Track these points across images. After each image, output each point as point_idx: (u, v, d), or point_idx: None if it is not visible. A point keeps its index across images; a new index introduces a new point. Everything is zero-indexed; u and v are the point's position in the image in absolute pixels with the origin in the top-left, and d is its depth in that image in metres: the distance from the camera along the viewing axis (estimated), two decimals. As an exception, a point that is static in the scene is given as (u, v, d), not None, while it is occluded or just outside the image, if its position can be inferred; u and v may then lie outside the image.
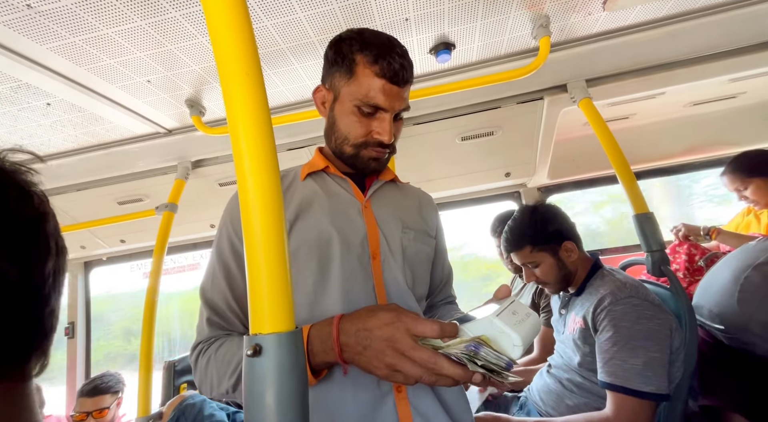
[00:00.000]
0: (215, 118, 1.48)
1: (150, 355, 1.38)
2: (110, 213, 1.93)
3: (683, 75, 1.41)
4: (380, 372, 0.50)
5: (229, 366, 0.59)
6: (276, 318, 0.36)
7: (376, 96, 0.66)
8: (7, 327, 0.29)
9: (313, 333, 0.55)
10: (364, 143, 0.69)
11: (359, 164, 0.73)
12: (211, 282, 0.69)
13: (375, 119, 0.68)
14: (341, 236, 0.68)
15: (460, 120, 1.63)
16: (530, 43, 1.26)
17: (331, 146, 0.75)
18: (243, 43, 0.40)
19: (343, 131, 0.70)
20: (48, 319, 0.33)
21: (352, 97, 0.67)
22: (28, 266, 0.31)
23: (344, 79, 0.68)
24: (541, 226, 1.13)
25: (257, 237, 0.38)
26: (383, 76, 0.65)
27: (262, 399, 0.34)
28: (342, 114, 0.70)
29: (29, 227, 0.32)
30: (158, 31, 0.98)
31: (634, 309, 0.93)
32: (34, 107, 1.24)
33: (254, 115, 0.40)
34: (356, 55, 0.66)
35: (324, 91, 0.73)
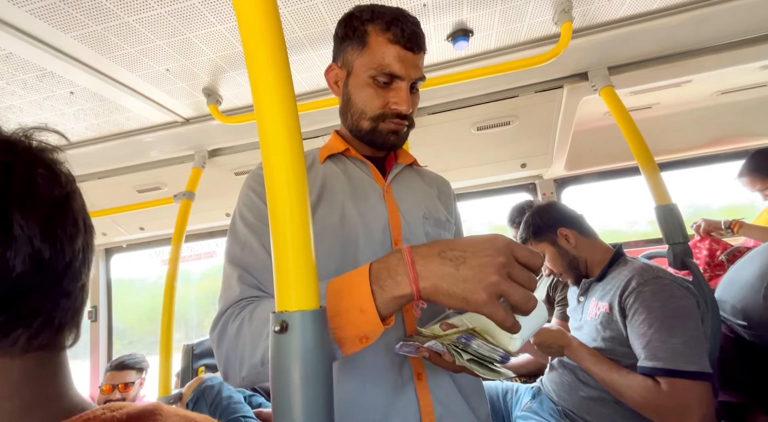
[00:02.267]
0: (232, 107, 1.49)
1: (169, 338, 1.42)
2: (130, 201, 1.98)
3: (711, 62, 1.35)
4: (477, 295, 0.42)
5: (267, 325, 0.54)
6: (302, 297, 0.36)
7: (391, 63, 0.64)
8: (42, 300, 0.31)
9: (375, 265, 0.47)
10: (382, 114, 0.67)
11: (378, 139, 0.69)
12: (241, 247, 0.63)
13: (391, 90, 0.66)
14: (364, 221, 0.66)
15: (476, 109, 1.61)
16: (551, 30, 1.23)
17: (347, 124, 0.73)
18: (270, 30, 0.40)
19: (360, 105, 0.68)
20: (79, 293, 0.35)
21: (367, 67, 0.65)
22: (60, 244, 0.32)
23: (357, 51, 0.66)
24: (533, 219, 1.23)
25: (283, 218, 0.38)
26: (397, 42, 0.64)
27: (289, 374, 0.35)
28: (357, 87, 0.67)
29: (58, 206, 0.33)
30: (177, 18, 0.99)
31: (665, 289, 0.92)
32: (58, 96, 1.27)
33: (280, 99, 0.40)
34: (367, 26, 0.65)
35: (336, 70, 0.72)
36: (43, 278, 0.30)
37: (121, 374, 1.81)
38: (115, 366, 1.85)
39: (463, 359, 0.47)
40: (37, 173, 0.31)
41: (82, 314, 0.36)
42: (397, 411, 0.59)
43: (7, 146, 0.31)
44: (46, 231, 0.31)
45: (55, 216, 0.32)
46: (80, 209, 0.36)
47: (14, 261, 0.28)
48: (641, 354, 0.91)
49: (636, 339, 0.92)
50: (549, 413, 1.10)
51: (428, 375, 0.62)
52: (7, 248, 0.28)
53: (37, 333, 0.30)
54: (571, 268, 1.16)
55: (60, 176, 0.34)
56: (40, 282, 0.30)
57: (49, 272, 0.31)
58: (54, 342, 0.33)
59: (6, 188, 0.29)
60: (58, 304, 0.32)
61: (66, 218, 0.33)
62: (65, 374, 0.34)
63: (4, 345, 0.29)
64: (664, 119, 1.79)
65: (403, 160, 0.80)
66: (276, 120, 0.39)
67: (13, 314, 0.29)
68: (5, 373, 0.29)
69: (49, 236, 0.31)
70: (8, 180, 0.29)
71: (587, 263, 1.15)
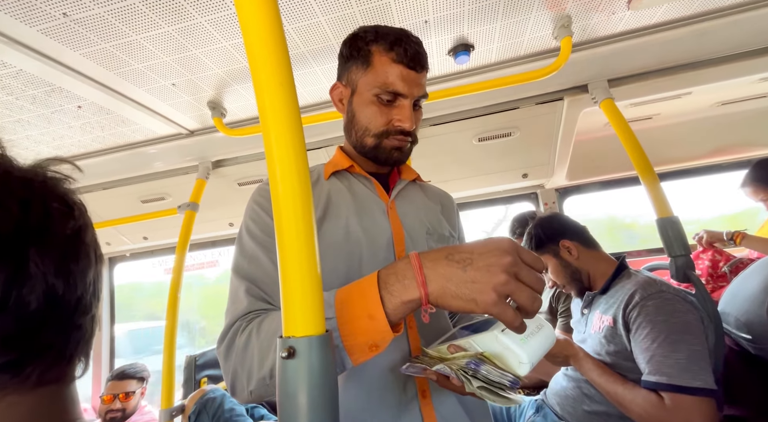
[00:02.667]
0: (236, 119, 1.51)
1: (173, 349, 1.42)
2: (134, 211, 1.99)
3: (710, 74, 1.37)
4: (485, 296, 0.42)
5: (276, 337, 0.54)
6: (308, 322, 0.37)
7: (395, 82, 0.66)
8: (54, 335, 0.31)
9: (384, 272, 0.47)
10: (386, 131, 0.68)
11: (381, 156, 0.71)
12: (248, 260, 0.63)
13: (395, 107, 0.68)
14: (368, 238, 0.67)
15: (478, 121, 1.62)
16: (551, 44, 1.24)
17: (351, 141, 0.74)
18: (275, 47, 0.41)
19: (364, 122, 0.70)
20: (89, 324, 0.35)
21: (371, 86, 0.67)
22: (73, 279, 0.32)
23: (361, 70, 0.68)
24: (535, 231, 1.24)
25: (289, 241, 0.39)
26: (400, 62, 0.66)
27: (295, 400, 0.35)
28: (361, 105, 0.69)
29: (72, 241, 0.33)
30: (184, 36, 1.01)
31: (668, 303, 0.92)
32: (66, 110, 1.30)
33: (286, 118, 0.40)
34: (371, 46, 0.67)
35: (341, 88, 0.74)
36: (56, 313, 0.30)
37: (122, 383, 1.81)
38: (116, 376, 1.85)
39: (473, 386, 0.46)
40: (53, 207, 0.32)
41: (91, 345, 0.36)
42: None
43: (25, 182, 0.31)
44: (60, 267, 0.31)
45: (68, 251, 0.32)
46: (92, 240, 0.36)
47: (29, 298, 0.28)
48: (645, 369, 0.90)
49: (640, 354, 0.92)
50: (553, 427, 1.09)
51: (432, 393, 0.62)
52: (22, 286, 0.28)
53: (50, 368, 0.30)
54: (573, 280, 1.16)
55: (74, 209, 0.34)
56: (52, 318, 0.30)
57: (61, 307, 0.31)
58: (64, 374, 0.33)
59: (24, 225, 0.29)
60: (69, 338, 0.32)
61: (79, 252, 0.33)
62: (74, 405, 0.34)
63: (16, 382, 0.28)
64: (664, 130, 1.80)
65: (407, 176, 0.82)
66: (281, 134, 0.40)
67: (27, 350, 0.29)
68: (15, 409, 0.29)
69: (62, 272, 0.31)
70: (26, 218, 0.29)
71: (590, 276, 1.15)
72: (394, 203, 0.75)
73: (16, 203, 0.29)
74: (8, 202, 0.28)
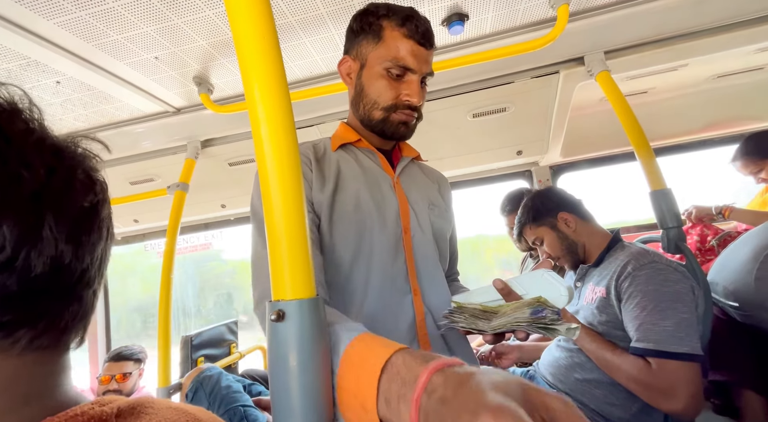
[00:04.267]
0: (224, 96, 1.46)
1: (168, 329, 1.43)
2: (122, 193, 1.95)
3: (707, 45, 1.34)
4: None
5: None
6: (297, 286, 0.36)
7: (405, 57, 0.68)
8: (53, 302, 0.31)
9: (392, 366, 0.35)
10: (394, 105, 0.70)
11: (388, 129, 0.73)
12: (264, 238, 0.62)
13: (403, 82, 0.70)
14: (378, 210, 0.70)
15: (472, 96, 1.59)
16: (547, 13, 1.21)
17: (359, 114, 0.76)
18: (260, 15, 0.39)
19: (373, 96, 0.71)
20: (91, 299, 0.35)
21: (381, 59, 0.69)
22: (81, 249, 0.32)
23: (371, 44, 0.70)
24: (532, 203, 1.24)
25: (277, 209, 0.38)
26: (411, 37, 0.68)
27: (286, 362, 0.35)
28: (370, 79, 0.71)
29: (88, 213, 0.33)
30: (164, 3, 0.96)
31: (659, 273, 0.94)
32: (45, 86, 1.24)
33: (272, 88, 0.39)
34: (383, 21, 0.70)
35: (350, 62, 0.75)
36: (59, 281, 0.31)
37: (119, 365, 1.83)
38: (113, 357, 1.87)
39: (553, 334, 0.49)
40: (77, 179, 0.33)
41: (90, 319, 0.36)
42: None
43: (55, 150, 0.32)
44: (72, 235, 0.31)
45: (83, 222, 0.33)
46: (107, 216, 0.36)
47: (36, 261, 0.28)
48: (634, 336, 0.92)
49: (630, 322, 0.94)
50: (544, 395, 1.12)
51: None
52: (32, 247, 0.28)
53: (40, 335, 0.30)
54: (569, 252, 1.17)
55: (96, 184, 0.35)
56: (54, 285, 0.30)
57: (65, 276, 0.31)
58: (57, 342, 0.33)
59: (46, 189, 0.29)
60: (68, 308, 0.32)
61: (92, 225, 0.34)
62: (64, 372, 0.34)
63: (4, 344, 0.28)
64: (660, 104, 1.78)
65: (408, 153, 0.84)
66: (268, 108, 0.38)
67: (21, 314, 0.29)
68: None
69: (73, 241, 0.31)
70: (50, 183, 0.30)
71: (585, 248, 1.16)
72: (399, 179, 0.78)
73: (44, 167, 0.30)
74: (37, 165, 0.29)
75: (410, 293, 0.69)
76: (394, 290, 0.68)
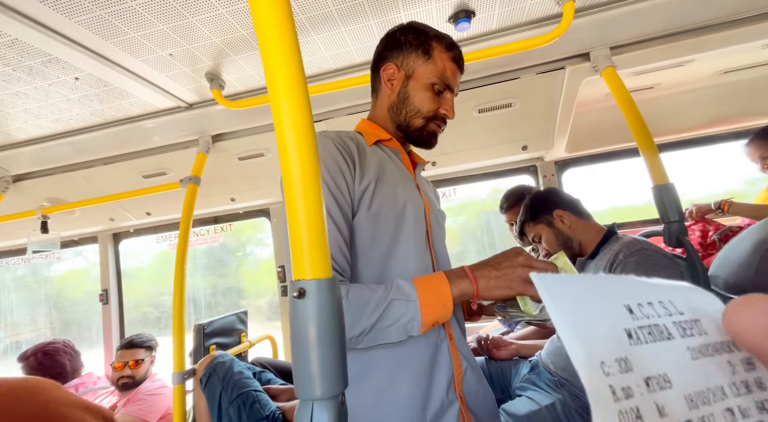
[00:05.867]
0: (235, 91, 1.50)
1: (182, 318, 1.48)
2: (136, 186, 2.01)
3: (715, 41, 1.35)
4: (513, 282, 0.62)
5: (368, 307, 0.62)
6: (316, 266, 0.40)
7: (450, 77, 0.80)
8: None
9: (448, 274, 0.66)
10: (434, 116, 0.81)
11: (422, 136, 0.83)
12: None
13: (443, 98, 0.81)
14: (413, 205, 0.77)
15: (478, 92, 1.61)
16: (553, 9, 1.22)
17: (399, 118, 0.84)
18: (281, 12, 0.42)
19: (417, 105, 0.81)
20: None
21: (430, 75, 0.79)
22: None
23: (421, 59, 0.80)
24: (530, 203, 1.33)
25: (296, 195, 0.41)
26: (455, 61, 0.81)
27: (307, 335, 0.38)
28: (417, 90, 0.80)
29: None
30: (180, 2, 1.00)
31: (649, 259, 0.98)
32: (64, 82, 1.29)
33: (293, 82, 0.42)
34: (432, 42, 0.80)
35: (394, 69, 0.82)
36: None
37: (130, 352, 1.89)
38: (124, 345, 1.94)
39: None
40: None
41: None
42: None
43: None
44: None
45: None
46: None
47: None
48: None
49: None
50: (546, 383, 1.16)
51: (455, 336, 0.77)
52: None
53: None
54: (565, 247, 1.22)
55: None
56: None
57: None
58: None
59: None
60: None
61: None
62: None
63: None
64: (665, 100, 1.79)
65: (421, 160, 0.93)
66: (289, 102, 0.41)
67: None
68: None
69: None
70: None
71: (581, 243, 1.20)
72: (417, 179, 0.87)
73: None
74: None
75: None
76: None
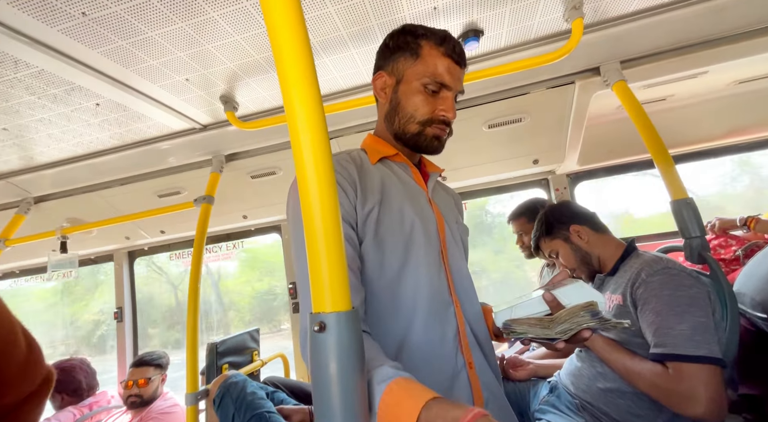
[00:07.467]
0: (248, 112, 1.53)
1: (195, 337, 1.48)
2: (151, 206, 2.05)
3: (728, 52, 1.33)
4: None
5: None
6: (336, 299, 0.40)
7: (443, 74, 0.71)
8: None
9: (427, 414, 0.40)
10: (430, 120, 0.73)
11: (422, 143, 0.75)
12: None
13: (439, 98, 0.72)
14: (422, 223, 0.71)
15: (487, 107, 1.62)
16: (562, 26, 1.23)
17: (393, 128, 0.77)
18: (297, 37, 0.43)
19: (409, 110, 0.73)
20: None
21: (420, 75, 0.71)
22: None
23: (410, 61, 0.73)
24: (545, 218, 1.27)
25: (317, 227, 0.41)
26: (449, 55, 0.71)
27: (327, 368, 0.38)
28: (407, 94, 0.73)
29: None
30: (197, 31, 1.03)
31: (673, 278, 0.94)
32: (85, 108, 1.33)
33: (310, 105, 0.42)
34: (421, 40, 0.72)
35: (385, 77, 0.77)
36: None
37: (140, 370, 1.87)
38: (135, 363, 1.92)
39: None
40: None
41: None
42: None
43: None
44: None
45: None
46: None
47: None
48: (651, 342, 0.93)
49: (647, 328, 0.94)
50: (566, 406, 1.12)
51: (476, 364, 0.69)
52: None
53: None
54: (583, 263, 1.18)
55: None
56: None
57: None
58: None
59: None
60: None
61: None
62: None
63: None
64: (679, 111, 1.77)
65: (431, 168, 0.86)
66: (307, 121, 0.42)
67: None
68: None
69: None
70: None
71: (600, 259, 1.16)
72: (430, 193, 0.80)
73: None
74: None
75: (452, 304, 0.70)
76: (441, 302, 0.69)
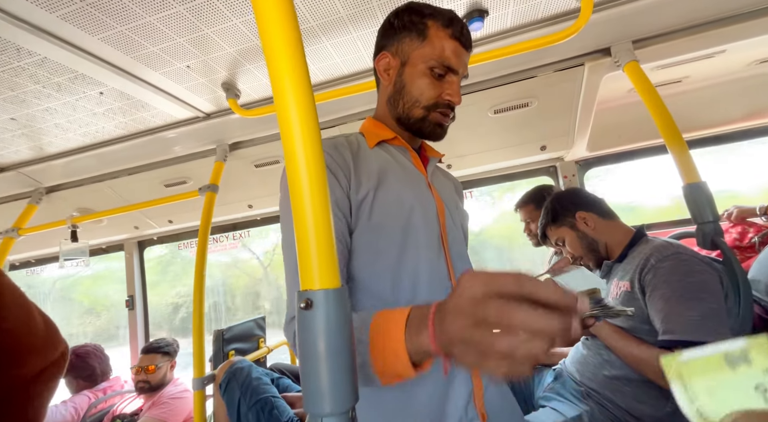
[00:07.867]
0: (250, 100, 1.53)
1: (202, 324, 1.51)
2: (158, 195, 2.07)
3: (748, 29, 1.27)
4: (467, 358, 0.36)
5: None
6: (324, 276, 0.39)
7: (450, 57, 0.68)
8: None
9: (413, 311, 0.45)
10: (435, 104, 0.71)
11: (425, 128, 0.73)
12: None
13: (445, 82, 0.70)
14: (421, 208, 0.70)
15: (493, 92, 1.58)
16: (570, 4, 1.18)
17: (396, 111, 0.75)
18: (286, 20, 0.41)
19: (414, 94, 0.71)
20: None
21: (426, 58, 0.69)
22: None
23: (415, 42, 0.70)
24: (551, 205, 1.26)
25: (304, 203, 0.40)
26: (456, 38, 0.69)
27: (315, 346, 0.37)
28: (413, 77, 0.71)
29: None
30: (195, 15, 1.02)
31: (683, 264, 0.91)
32: (90, 97, 1.34)
33: (299, 91, 0.41)
34: (428, 20, 0.69)
35: (389, 58, 0.74)
36: None
37: (149, 357, 1.92)
38: (144, 350, 1.97)
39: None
40: None
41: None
42: None
43: None
44: None
45: None
46: None
47: None
48: (660, 328, 0.90)
49: (655, 314, 0.92)
50: (572, 393, 1.10)
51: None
52: None
53: None
54: (591, 251, 1.16)
55: None
56: None
57: None
58: None
59: None
60: None
61: None
62: None
63: None
64: (695, 93, 1.70)
65: (432, 153, 0.84)
66: (295, 110, 0.41)
67: None
68: None
69: None
70: None
71: (607, 245, 1.14)
72: (429, 178, 0.79)
73: None
74: None
75: (452, 288, 0.66)
76: (441, 287, 0.68)
